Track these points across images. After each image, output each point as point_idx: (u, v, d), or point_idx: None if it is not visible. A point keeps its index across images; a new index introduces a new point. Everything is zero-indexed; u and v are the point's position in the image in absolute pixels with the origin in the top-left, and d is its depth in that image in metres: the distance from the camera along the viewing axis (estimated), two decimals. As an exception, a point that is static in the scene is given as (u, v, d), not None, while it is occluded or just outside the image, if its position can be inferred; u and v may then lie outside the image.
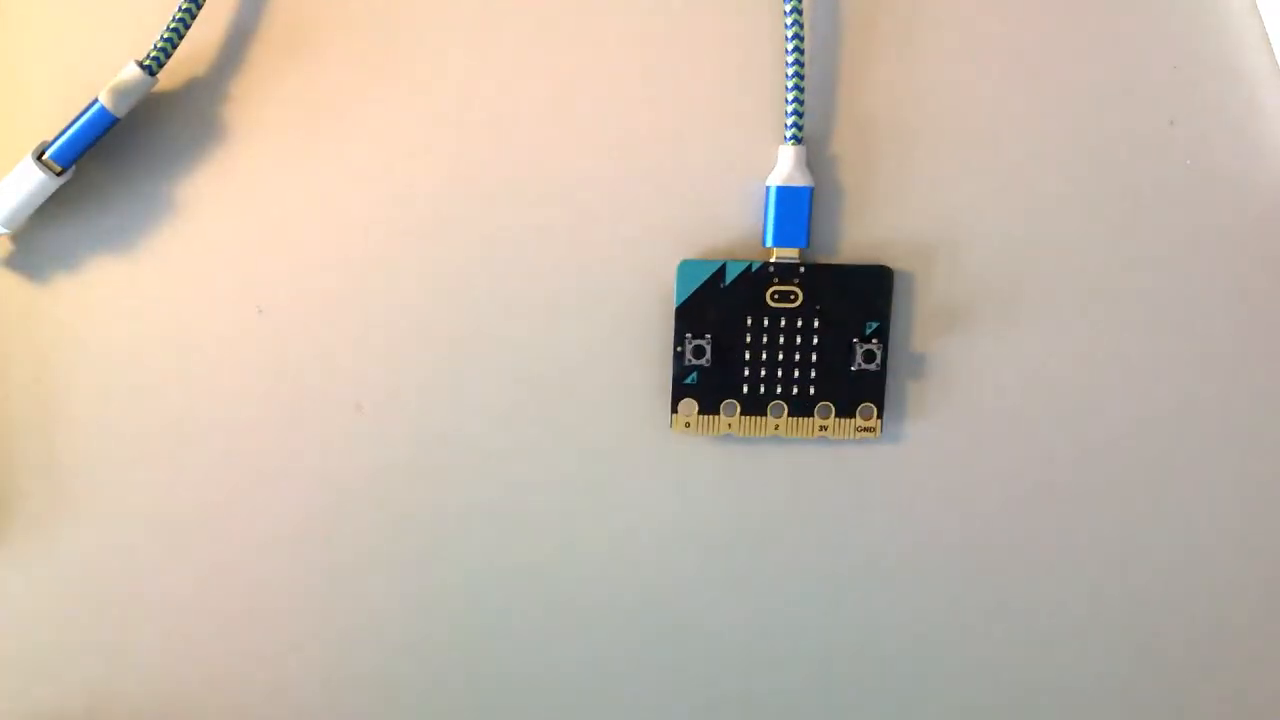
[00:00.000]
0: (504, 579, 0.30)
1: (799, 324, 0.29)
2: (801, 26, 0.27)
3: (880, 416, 0.29)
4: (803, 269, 0.28)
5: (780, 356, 0.29)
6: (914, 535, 0.30)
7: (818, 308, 0.28)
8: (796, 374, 0.29)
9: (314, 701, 0.31)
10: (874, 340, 0.29)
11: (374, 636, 0.30)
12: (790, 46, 0.27)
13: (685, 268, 0.28)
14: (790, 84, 0.27)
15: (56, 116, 0.28)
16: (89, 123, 0.27)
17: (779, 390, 0.29)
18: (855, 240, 0.29)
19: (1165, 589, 0.30)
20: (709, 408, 0.29)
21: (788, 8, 0.27)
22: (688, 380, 0.29)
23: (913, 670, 0.31)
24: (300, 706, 0.30)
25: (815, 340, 0.29)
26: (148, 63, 0.27)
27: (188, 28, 0.27)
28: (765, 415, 0.29)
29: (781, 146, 0.28)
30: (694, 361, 0.28)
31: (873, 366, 0.28)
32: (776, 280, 0.28)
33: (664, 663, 0.30)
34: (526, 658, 0.30)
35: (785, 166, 0.28)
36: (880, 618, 0.30)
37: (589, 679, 0.31)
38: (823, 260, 0.29)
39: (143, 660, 0.30)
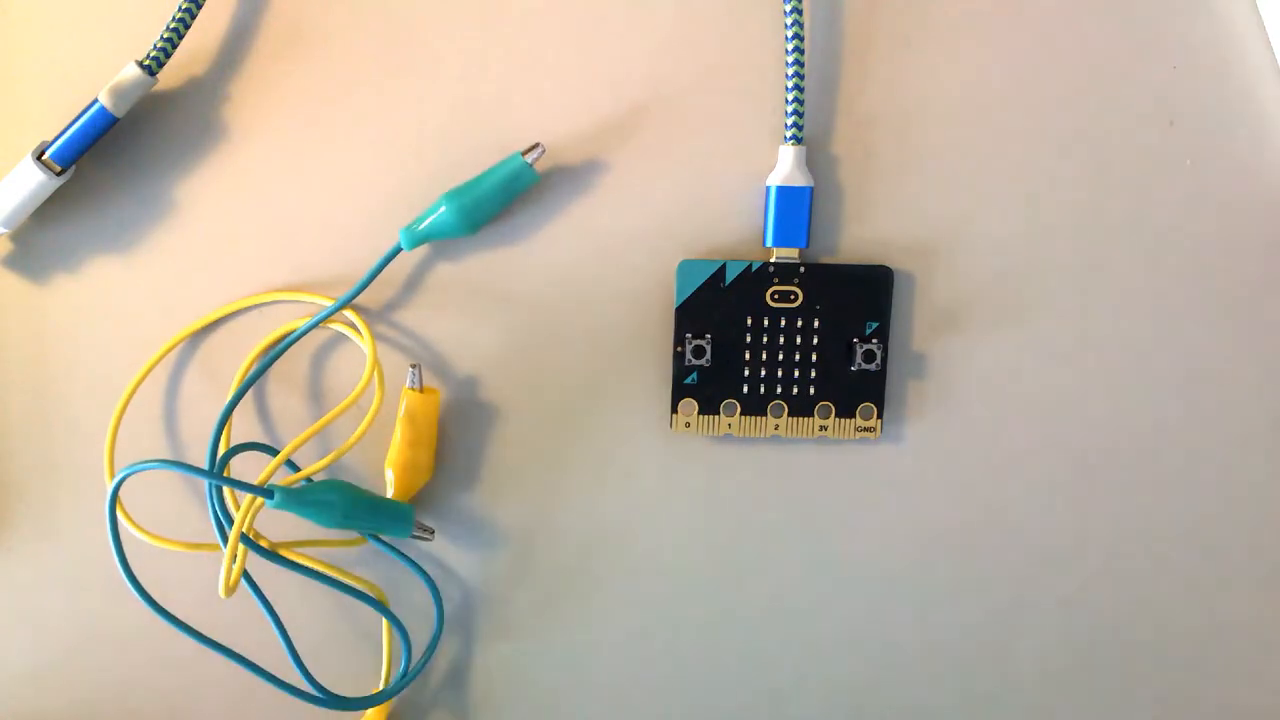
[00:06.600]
0: (503, 578, 0.30)
1: (799, 324, 0.29)
2: (801, 26, 0.27)
3: (880, 416, 0.29)
4: (803, 269, 0.28)
5: (780, 356, 0.29)
6: (914, 535, 0.30)
7: (818, 308, 0.28)
8: (796, 374, 0.29)
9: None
10: (874, 340, 0.29)
11: (372, 635, 0.30)
12: (790, 46, 0.27)
13: (685, 268, 0.28)
14: (790, 84, 0.27)
15: (56, 116, 0.28)
16: (89, 123, 0.27)
17: (779, 390, 0.29)
18: (855, 240, 0.29)
19: (1165, 587, 0.30)
20: (709, 408, 0.29)
21: (788, 8, 0.27)
22: (688, 380, 0.29)
23: (913, 667, 0.31)
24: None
25: (815, 340, 0.29)
26: (148, 63, 0.27)
27: (188, 28, 0.27)
28: (765, 415, 0.29)
29: (781, 146, 0.28)
30: (694, 361, 0.28)
31: (873, 366, 0.28)
32: (776, 280, 0.28)
33: (664, 661, 0.30)
34: (525, 657, 0.30)
35: (785, 166, 0.28)
36: (880, 616, 0.30)
37: (588, 678, 0.31)
38: (823, 260, 0.29)
39: (142, 658, 0.30)
